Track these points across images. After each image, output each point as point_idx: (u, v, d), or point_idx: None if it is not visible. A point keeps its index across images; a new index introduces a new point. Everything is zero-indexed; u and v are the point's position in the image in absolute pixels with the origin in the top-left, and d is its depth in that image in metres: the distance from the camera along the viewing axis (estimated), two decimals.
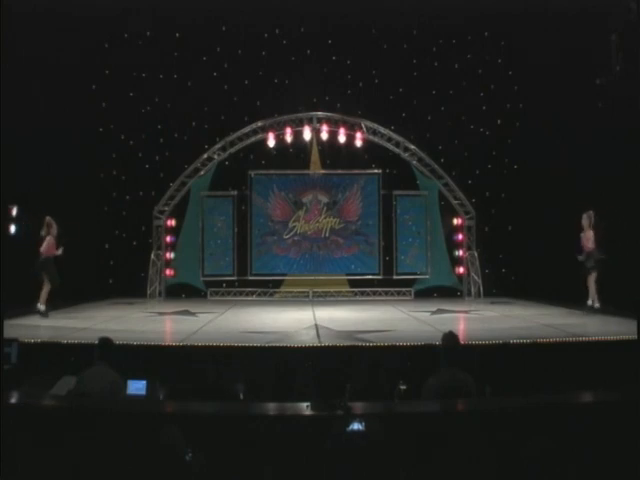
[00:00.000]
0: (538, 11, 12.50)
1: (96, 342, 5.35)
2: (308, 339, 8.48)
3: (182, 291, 15.21)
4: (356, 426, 3.51)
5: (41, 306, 10.68)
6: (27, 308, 10.70)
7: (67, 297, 12.16)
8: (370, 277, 15.42)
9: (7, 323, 6.28)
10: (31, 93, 11.58)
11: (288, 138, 14.77)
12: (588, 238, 10.85)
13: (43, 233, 10.82)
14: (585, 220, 10.97)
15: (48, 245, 10.76)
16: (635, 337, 6.38)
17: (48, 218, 10.94)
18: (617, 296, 10.01)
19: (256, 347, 7.71)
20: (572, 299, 11.57)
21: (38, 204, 11.62)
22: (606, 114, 11.14)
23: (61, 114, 12.33)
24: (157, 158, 15.13)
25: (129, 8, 13.19)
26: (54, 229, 10.86)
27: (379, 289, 15.34)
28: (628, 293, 8.92)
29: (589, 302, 10.84)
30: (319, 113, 15.04)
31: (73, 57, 12.83)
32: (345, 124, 14.95)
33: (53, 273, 10.79)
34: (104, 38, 14.02)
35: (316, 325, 9.97)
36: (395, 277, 15.34)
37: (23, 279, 9.62)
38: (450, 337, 5.00)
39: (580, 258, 10.85)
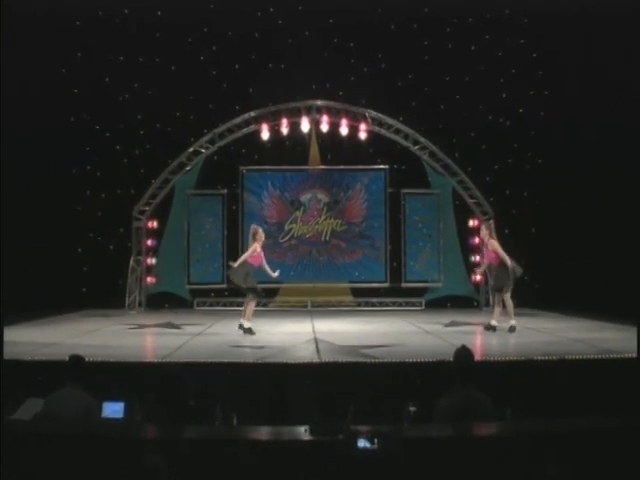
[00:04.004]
0: None
1: (66, 359, 5.34)
2: (307, 355, 8.49)
3: (165, 301, 15.22)
4: (363, 443, 3.52)
5: (246, 323, 10.88)
6: None
7: (34, 308, 12.16)
8: (376, 285, 15.47)
9: None
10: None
11: (284, 130, 14.78)
12: (494, 249, 10.79)
13: (249, 242, 11.04)
14: (484, 230, 11.08)
15: (253, 253, 10.82)
16: None
17: (254, 226, 11.20)
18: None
19: (248, 364, 7.72)
20: (605, 311, 11.55)
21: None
22: None
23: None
24: (137, 152, 15.13)
25: None
26: (260, 235, 10.96)
27: (386, 299, 15.37)
28: None
29: (513, 322, 10.70)
30: (319, 102, 15.06)
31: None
32: (348, 114, 14.97)
33: (252, 283, 10.84)
34: (78, 16, 13.98)
35: (315, 339, 10.01)
36: (404, 285, 15.37)
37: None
38: (463, 353, 4.99)
39: (479, 270, 12.01)
